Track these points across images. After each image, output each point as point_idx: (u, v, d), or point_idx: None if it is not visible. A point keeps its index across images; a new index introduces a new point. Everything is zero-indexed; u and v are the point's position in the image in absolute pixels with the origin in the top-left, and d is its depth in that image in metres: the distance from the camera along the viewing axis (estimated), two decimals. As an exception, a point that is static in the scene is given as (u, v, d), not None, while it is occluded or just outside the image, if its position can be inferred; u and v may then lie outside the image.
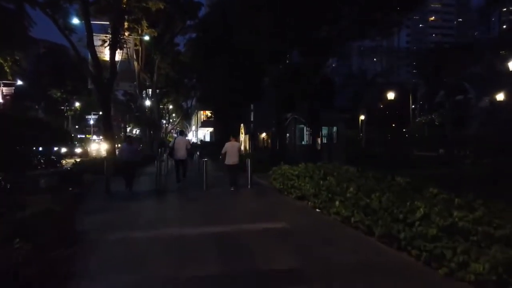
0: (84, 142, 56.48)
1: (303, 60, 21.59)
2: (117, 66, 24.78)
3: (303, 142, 21.20)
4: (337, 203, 7.99)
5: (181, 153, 14.25)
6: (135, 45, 26.85)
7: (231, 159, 12.94)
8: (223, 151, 13.11)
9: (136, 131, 65.38)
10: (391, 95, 24.60)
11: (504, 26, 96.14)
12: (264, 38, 19.58)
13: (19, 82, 46.20)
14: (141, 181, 15.41)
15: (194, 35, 38.85)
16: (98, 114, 77.87)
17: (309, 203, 9.66)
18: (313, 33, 18.30)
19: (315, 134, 16.30)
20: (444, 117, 43.61)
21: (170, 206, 10.50)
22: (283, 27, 17.79)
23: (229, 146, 13.01)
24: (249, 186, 13.40)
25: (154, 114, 31.11)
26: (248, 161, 13.39)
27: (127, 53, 25.23)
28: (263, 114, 38.29)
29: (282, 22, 17.41)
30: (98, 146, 41.84)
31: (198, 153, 28.93)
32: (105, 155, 20.82)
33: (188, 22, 32.64)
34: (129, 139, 13.89)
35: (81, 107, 59.72)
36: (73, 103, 57.32)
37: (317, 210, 9.07)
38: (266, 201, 10.70)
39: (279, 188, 12.07)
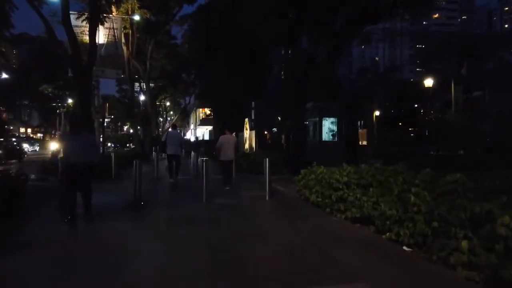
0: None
1: (318, 43, 17.85)
2: (102, 49, 20.76)
3: (324, 138, 17.14)
4: (464, 243, 3.93)
5: (174, 148, 12.68)
6: (125, 27, 22.70)
7: (226, 154, 11.29)
8: (217, 146, 11.53)
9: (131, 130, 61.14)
10: (429, 82, 20.55)
11: (506, 26, 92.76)
12: (274, 18, 15.87)
13: (4, 76, 42.09)
14: (118, 189, 11.30)
15: (192, 26, 35.36)
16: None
17: (387, 233, 5.55)
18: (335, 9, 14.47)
19: (350, 128, 12.17)
20: (458, 115, 39.86)
21: (148, 240, 5.69)
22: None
23: (224, 140, 11.45)
24: (267, 197, 9.30)
25: (147, 108, 26.95)
26: (266, 162, 9.28)
27: (114, 35, 21.07)
28: (268, 108, 34.50)
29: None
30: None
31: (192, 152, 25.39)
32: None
33: (186, 8, 28.71)
34: (74, 125, 7.30)
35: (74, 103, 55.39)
36: (66, 100, 53.06)
37: (406, 248, 4.99)
38: (305, 227, 6.53)
39: (314, 201, 7.97)
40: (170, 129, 15.47)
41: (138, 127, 25.68)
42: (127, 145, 28.28)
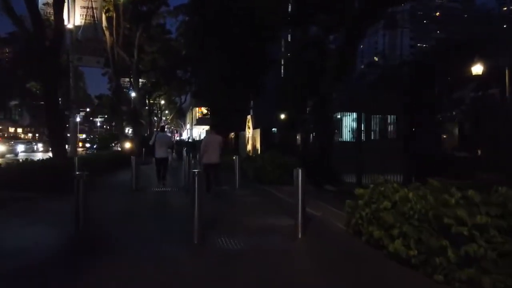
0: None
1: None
2: (79, 32, 16.98)
3: (343, 138, 13.45)
4: None
5: (162, 151, 11.34)
6: (108, 10, 19.00)
7: (211, 156, 9.49)
8: (202, 147, 9.75)
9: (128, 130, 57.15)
10: (477, 69, 16.93)
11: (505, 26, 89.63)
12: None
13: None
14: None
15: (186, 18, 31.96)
16: (85, 111, 69.76)
17: None
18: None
19: (407, 125, 8.36)
20: (465, 114, 36.34)
21: None
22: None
23: (209, 141, 9.85)
24: (299, 233, 5.46)
25: (135, 104, 23.15)
26: (299, 175, 5.52)
27: (93, 16, 17.30)
28: (268, 106, 31.18)
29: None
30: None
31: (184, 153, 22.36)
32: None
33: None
34: None
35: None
36: (56, 98, 49.01)
37: None
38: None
39: (397, 253, 4.18)
40: (158, 132, 13.60)
41: (124, 125, 21.84)
42: (112, 145, 24.61)
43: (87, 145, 22.07)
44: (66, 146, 13.86)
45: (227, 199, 8.87)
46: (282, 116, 28.10)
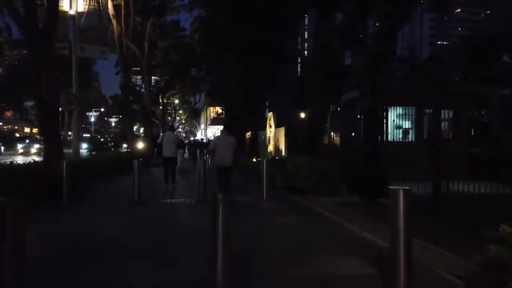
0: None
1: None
2: (82, 19, 14.95)
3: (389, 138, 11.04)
4: None
5: (170, 150, 10.60)
6: (114, -4, 16.94)
7: (222, 159, 8.14)
8: (210, 148, 8.66)
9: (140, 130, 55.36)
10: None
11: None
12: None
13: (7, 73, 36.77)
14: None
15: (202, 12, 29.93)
16: (99, 111, 68.28)
17: None
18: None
19: None
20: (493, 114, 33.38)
21: None
22: None
23: (219, 141, 8.61)
24: None
25: (146, 101, 20.98)
26: (401, 198, 3.09)
27: (97, 2, 15.21)
28: (285, 104, 29.16)
29: None
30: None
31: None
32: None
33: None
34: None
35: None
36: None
37: None
38: None
39: None
40: (166, 131, 13.06)
41: (132, 123, 19.65)
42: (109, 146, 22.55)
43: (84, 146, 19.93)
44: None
45: (253, 219, 6.53)
46: (302, 115, 25.85)
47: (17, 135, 53.15)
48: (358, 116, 11.16)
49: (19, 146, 30.51)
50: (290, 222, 6.38)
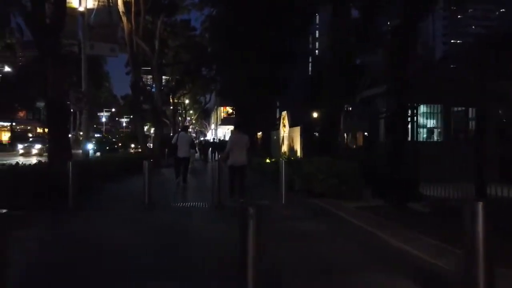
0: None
1: None
2: (91, 16, 14.49)
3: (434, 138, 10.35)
4: None
5: (184, 150, 10.96)
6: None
7: (237, 157, 8.04)
8: (228, 147, 8.33)
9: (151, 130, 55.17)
10: None
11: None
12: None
13: (7, 69, 36.74)
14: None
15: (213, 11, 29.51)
16: (111, 111, 68.31)
17: None
18: None
19: None
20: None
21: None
22: None
23: (235, 140, 8.39)
24: None
25: (156, 100, 20.49)
26: (480, 210, 2.44)
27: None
28: (296, 103, 28.62)
29: None
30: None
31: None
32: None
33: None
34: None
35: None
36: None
37: None
38: None
39: None
40: (180, 131, 13.01)
41: (143, 123, 19.14)
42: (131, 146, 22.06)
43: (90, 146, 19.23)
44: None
45: (274, 226, 5.90)
46: (315, 115, 25.18)
47: (30, 135, 53.32)
48: (379, 115, 10.42)
49: (20, 146, 29.09)
50: (316, 230, 5.75)
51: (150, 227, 5.93)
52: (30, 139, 32.54)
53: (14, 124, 55.85)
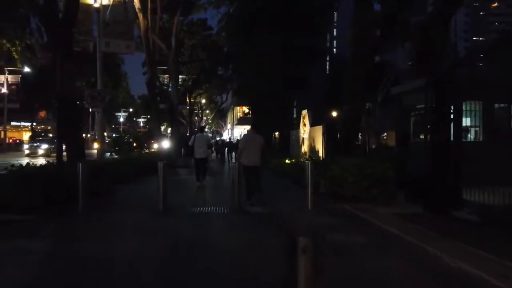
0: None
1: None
2: (107, 12, 14.07)
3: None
4: None
5: (201, 151, 10.88)
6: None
7: (251, 158, 7.75)
8: (241, 146, 8.07)
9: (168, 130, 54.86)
10: None
11: None
12: None
13: (26, 69, 36.92)
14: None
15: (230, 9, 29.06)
16: (128, 111, 68.48)
17: None
18: None
19: None
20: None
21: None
22: None
23: (249, 140, 8.11)
24: None
25: (172, 99, 19.95)
26: None
27: (124, -5, 14.24)
28: (315, 103, 27.75)
29: None
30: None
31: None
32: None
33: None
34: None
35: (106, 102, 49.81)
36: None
37: None
38: None
39: None
40: (197, 132, 13.31)
41: (155, 121, 18.52)
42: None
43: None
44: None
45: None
46: (334, 114, 24.27)
47: (50, 135, 53.84)
48: (412, 113, 9.56)
49: (25, 146, 28.77)
50: (354, 242, 5.00)
51: (155, 241, 5.12)
52: (37, 139, 31.77)
53: (34, 124, 56.47)
